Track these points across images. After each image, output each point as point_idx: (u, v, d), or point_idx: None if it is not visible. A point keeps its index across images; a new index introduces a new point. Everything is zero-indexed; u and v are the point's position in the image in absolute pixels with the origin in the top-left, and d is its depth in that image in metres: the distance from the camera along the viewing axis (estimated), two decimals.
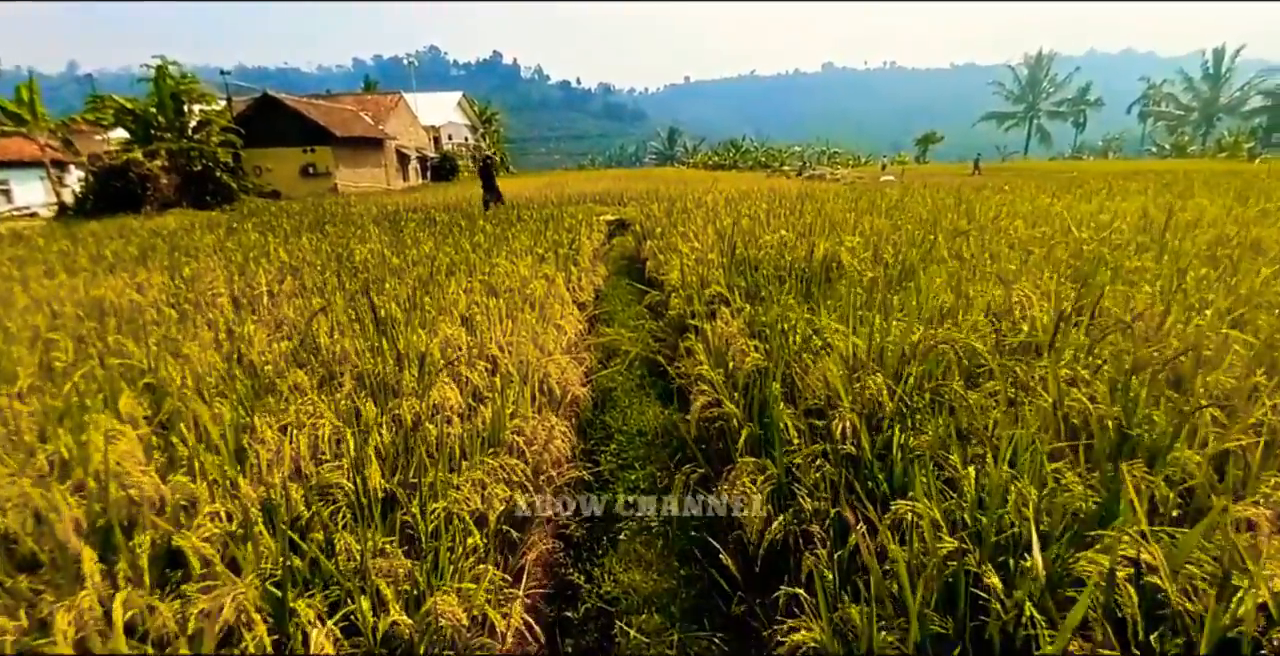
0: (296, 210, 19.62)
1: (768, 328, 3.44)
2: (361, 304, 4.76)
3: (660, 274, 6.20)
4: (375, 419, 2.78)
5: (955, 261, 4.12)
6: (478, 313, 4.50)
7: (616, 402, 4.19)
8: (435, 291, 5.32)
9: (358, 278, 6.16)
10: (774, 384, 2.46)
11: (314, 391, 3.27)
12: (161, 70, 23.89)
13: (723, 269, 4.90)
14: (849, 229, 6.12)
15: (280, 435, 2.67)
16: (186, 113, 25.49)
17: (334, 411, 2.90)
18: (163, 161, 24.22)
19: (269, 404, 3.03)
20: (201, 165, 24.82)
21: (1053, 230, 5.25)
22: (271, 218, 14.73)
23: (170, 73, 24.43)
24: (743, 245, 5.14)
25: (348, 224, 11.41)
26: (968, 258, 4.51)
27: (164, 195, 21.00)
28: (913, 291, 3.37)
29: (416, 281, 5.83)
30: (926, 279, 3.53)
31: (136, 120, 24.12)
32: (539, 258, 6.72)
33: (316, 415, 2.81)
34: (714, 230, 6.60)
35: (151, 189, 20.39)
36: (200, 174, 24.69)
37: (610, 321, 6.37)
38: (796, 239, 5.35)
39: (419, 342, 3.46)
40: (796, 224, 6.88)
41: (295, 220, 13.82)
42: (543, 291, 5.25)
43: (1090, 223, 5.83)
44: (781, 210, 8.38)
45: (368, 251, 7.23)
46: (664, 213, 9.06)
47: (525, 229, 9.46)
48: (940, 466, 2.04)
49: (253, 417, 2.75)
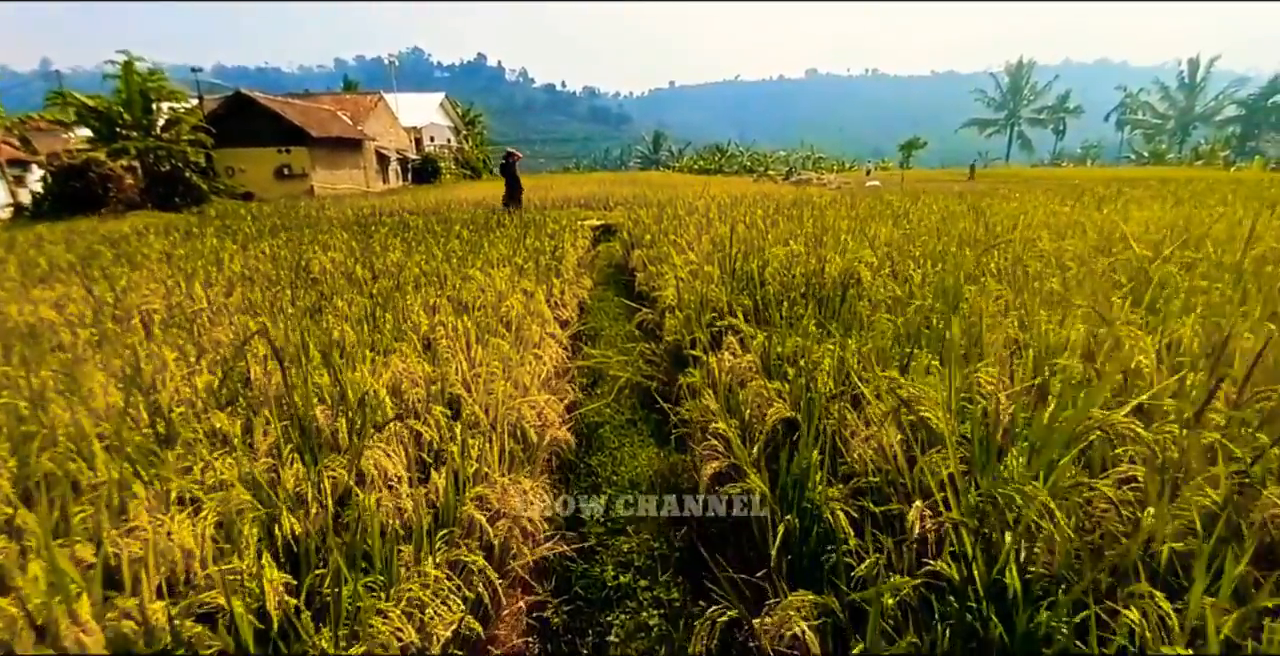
0: (267, 212, 18.78)
1: (786, 363, 2.87)
2: (308, 326, 4.13)
3: (652, 288, 5.62)
4: (295, 488, 2.17)
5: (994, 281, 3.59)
6: (444, 335, 3.90)
7: (604, 443, 3.60)
8: (399, 306, 4.71)
9: (314, 290, 5.52)
10: (810, 451, 1.90)
11: (236, 440, 2.65)
12: (127, 66, 22.90)
13: (723, 285, 4.34)
14: (857, 238, 5.60)
15: (173, 507, 2.06)
16: (154, 111, 24.48)
17: (249, 478, 2.28)
18: (128, 161, 23.21)
19: (167, 464, 2.41)
20: (170, 165, 23.84)
21: (1086, 244, 4.76)
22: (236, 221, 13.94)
23: (137, 69, 23.44)
24: (744, 258, 4.58)
25: (315, 228, 10.71)
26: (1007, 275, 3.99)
27: (127, 196, 20.02)
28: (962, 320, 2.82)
29: (379, 295, 5.21)
30: (974, 304, 2.99)
31: (100, 118, 23.08)
32: (517, 268, 6.12)
33: (226, 482, 2.20)
34: (709, 239, 6.05)
35: (113, 189, 19.42)
36: (168, 174, 23.71)
37: (596, 339, 5.79)
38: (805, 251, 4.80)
39: (365, 381, 2.85)
40: (797, 232, 6.35)
41: (261, 223, 13.05)
42: (520, 308, 4.66)
43: (1119, 233, 5.36)
44: (778, 217, 7.85)
45: (329, 260, 6.57)
46: (653, 219, 8.49)
47: (504, 236, 8.84)
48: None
49: (148, 482, 2.13)
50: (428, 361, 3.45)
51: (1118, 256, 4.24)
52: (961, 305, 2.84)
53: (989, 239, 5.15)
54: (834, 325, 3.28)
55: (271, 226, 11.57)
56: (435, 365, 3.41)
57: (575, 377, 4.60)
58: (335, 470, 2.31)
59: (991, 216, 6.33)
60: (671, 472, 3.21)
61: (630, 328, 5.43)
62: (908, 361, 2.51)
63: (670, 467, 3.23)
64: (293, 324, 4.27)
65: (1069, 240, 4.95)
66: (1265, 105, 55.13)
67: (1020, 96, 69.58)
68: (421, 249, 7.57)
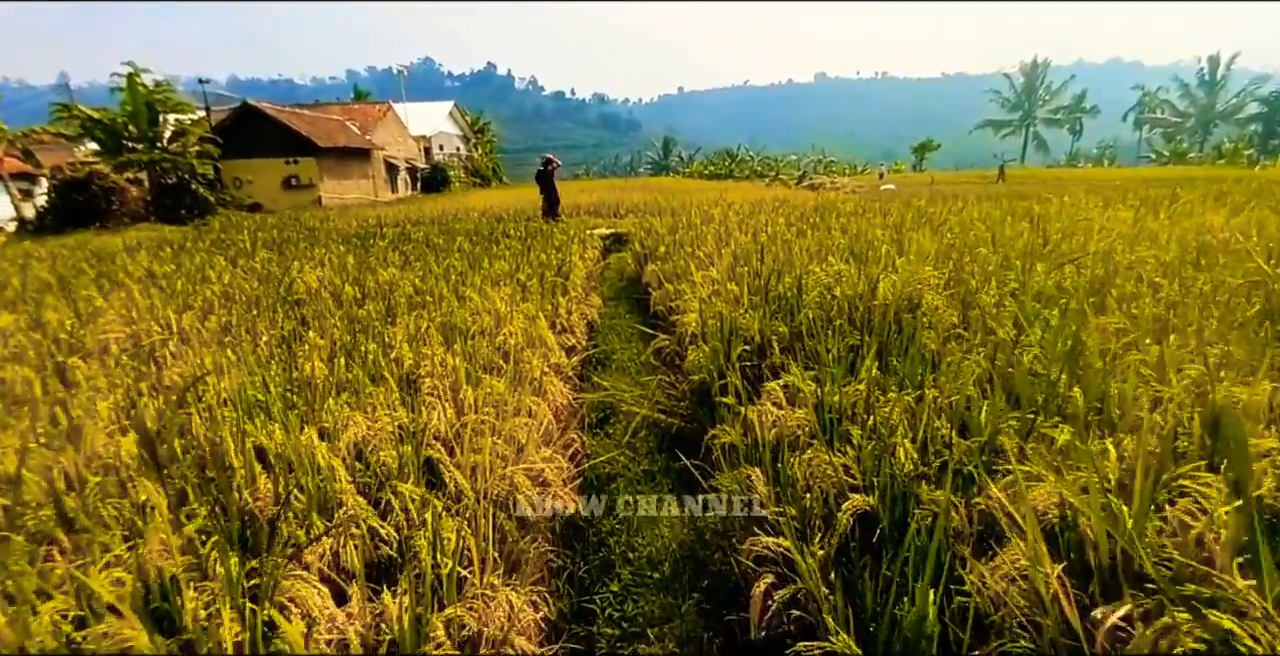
0: (270, 224, 18.43)
1: (846, 418, 2.28)
2: (278, 362, 3.59)
3: (669, 308, 5.05)
4: (197, 607, 1.61)
5: (1087, 306, 2.98)
6: (430, 371, 3.35)
7: (617, 502, 3.02)
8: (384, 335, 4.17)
9: (296, 314, 5.00)
10: (926, 592, 1.31)
11: (160, 518, 2.10)
12: (132, 78, 22.74)
13: (753, 309, 3.75)
14: (899, 250, 5.00)
15: None
16: (161, 123, 24.34)
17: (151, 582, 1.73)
18: (133, 173, 23.04)
19: (53, 565, 1.86)
20: (176, 177, 23.65)
21: (1170, 255, 4.13)
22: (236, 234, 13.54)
23: (143, 81, 23.30)
24: (776, 276, 4.00)
25: (313, 241, 10.25)
26: (1093, 296, 3.37)
27: (131, 209, 19.77)
28: (1081, 365, 2.21)
29: (364, 321, 4.68)
30: (1091, 343, 2.38)
31: (106, 131, 22.94)
32: (520, 286, 5.57)
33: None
34: (730, 252, 5.47)
35: (117, 202, 19.17)
36: (174, 186, 23.51)
37: (607, 365, 5.22)
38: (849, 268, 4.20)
39: (315, 453, 2.29)
40: (828, 243, 5.75)
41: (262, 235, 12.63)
42: (520, 336, 4.10)
43: (1202, 242, 4.73)
44: (803, 226, 7.26)
45: (316, 279, 6.06)
46: (667, 229, 7.92)
47: (508, 248, 8.32)
48: None
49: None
50: (408, 407, 2.90)
51: (1216, 272, 3.61)
52: (1073, 348, 2.23)
53: (1053, 251, 4.54)
54: (898, 363, 2.69)
55: (269, 240, 11.13)
56: (415, 412, 2.86)
57: (584, 414, 4.04)
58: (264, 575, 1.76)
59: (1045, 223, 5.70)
60: (702, 544, 2.62)
61: (646, 353, 4.86)
62: (1029, 430, 1.91)
63: (699, 538, 2.65)
64: (262, 358, 3.74)
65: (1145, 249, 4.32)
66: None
67: (1035, 97, 68.55)
68: (419, 264, 7.05)
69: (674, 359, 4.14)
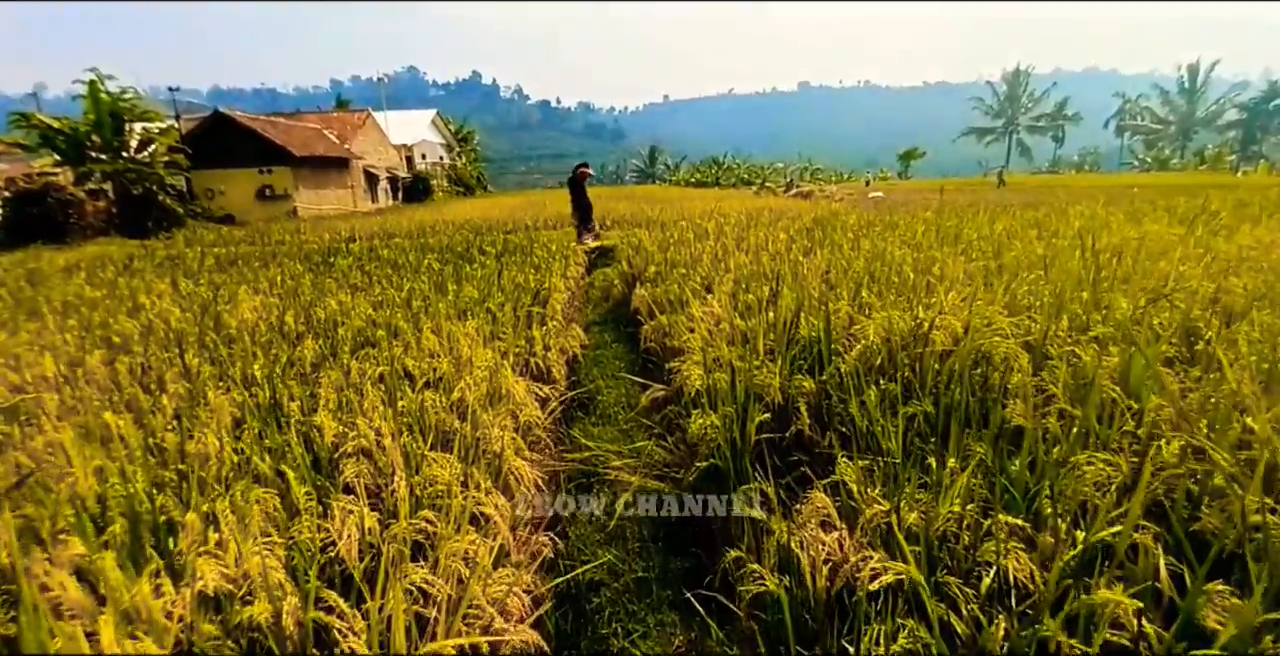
0: (238, 237, 17.55)
1: (928, 541, 1.56)
2: (159, 436, 2.81)
3: (663, 345, 4.32)
4: None
5: None
6: (356, 441, 2.59)
7: (599, 626, 2.27)
8: (320, 380, 3.41)
9: (223, 353, 4.22)
10: None
11: None
12: (94, 86, 21.75)
13: (768, 355, 3.04)
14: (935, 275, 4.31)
15: None
16: (127, 132, 23.33)
17: None
18: (96, 184, 22.00)
19: None
20: (142, 188, 22.61)
21: (1258, 281, 3.48)
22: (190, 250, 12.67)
23: (107, 89, 22.30)
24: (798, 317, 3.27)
25: (270, 260, 9.42)
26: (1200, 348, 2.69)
27: (90, 222, 18.75)
28: None
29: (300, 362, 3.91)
30: None
31: (67, 140, 21.90)
32: (490, 317, 4.82)
33: None
34: (731, 278, 4.77)
35: (75, 215, 18.14)
36: (141, 198, 22.47)
37: (591, 406, 4.48)
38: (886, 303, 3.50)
39: None
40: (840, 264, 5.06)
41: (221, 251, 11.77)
42: (485, 385, 3.36)
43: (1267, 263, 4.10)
44: (807, 242, 6.57)
45: (252, 309, 5.26)
46: (657, 245, 7.19)
47: (483, 266, 7.56)
48: None
49: None
50: (313, 512, 2.14)
51: None
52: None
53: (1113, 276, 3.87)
54: (978, 445, 1.98)
55: (225, 256, 10.28)
56: (325, 518, 2.11)
57: (561, 484, 3.29)
58: None
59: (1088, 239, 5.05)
60: None
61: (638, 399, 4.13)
62: None
63: None
64: (150, 427, 2.96)
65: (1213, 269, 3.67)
66: (1267, 109, 54.40)
67: (1018, 104, 69.06)
68: (378, 288, 6.28)
69: (672, 414, 3.41)
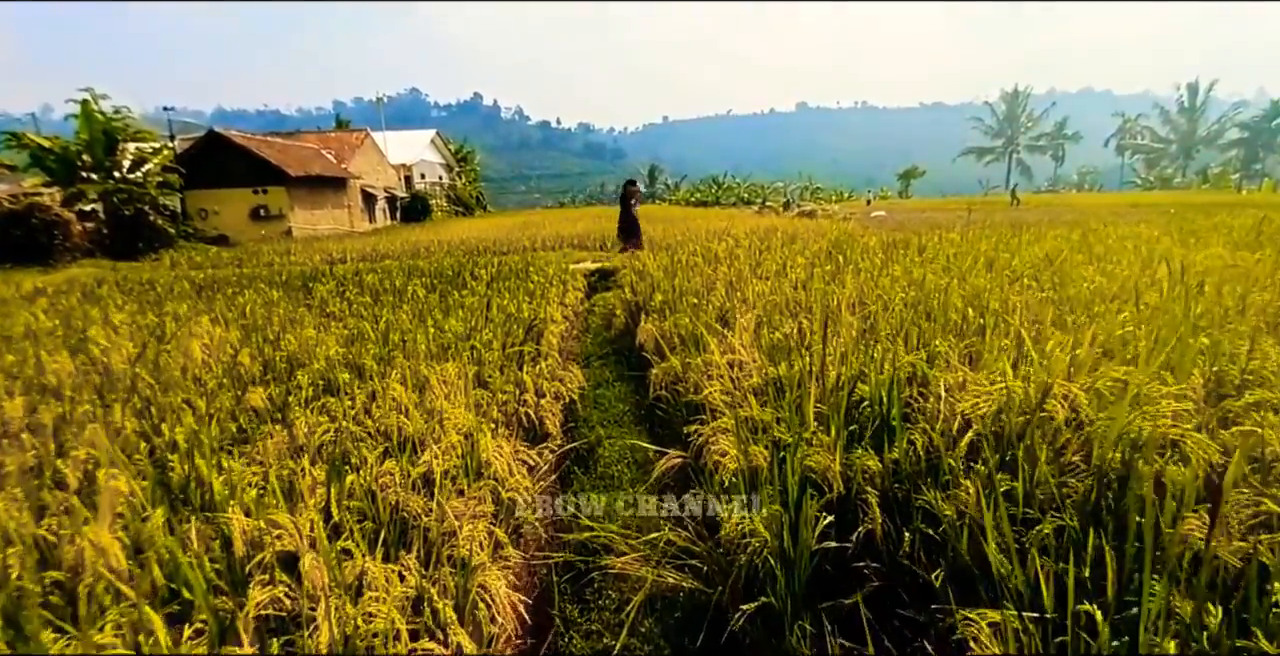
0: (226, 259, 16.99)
1: None
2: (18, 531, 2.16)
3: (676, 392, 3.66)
4: None
5: None
6: (277, 551, 1.94)
7: None
8: (240, 462, 2.76)
9: (156, 402, 3.57)
10: None
11: None
12: (87, 105, 21.38)
13: (818, 422, 2.39)
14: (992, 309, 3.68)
15: None
16: (120, 151, 22.92)
17: None
18: (87, 204, 21.52)
19: None
20: (134, 209, 22.11)
21: None
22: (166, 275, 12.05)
23: (100, 108, 21.95)
24: (854, 379, 2.62)
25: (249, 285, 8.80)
26: None
27: (76, 243, 18.20)
28: None
29: (243, 420, 3.27)
30: None
31: (58, 160, 21.48)
32: (473, 356, 4.18)
33: None
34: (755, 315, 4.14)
35: (60, 237, 17.59)
36: (131, 219, 21.97)
37: (590, 464, 3.81)
38: (949, 350, 2.85)
39: None
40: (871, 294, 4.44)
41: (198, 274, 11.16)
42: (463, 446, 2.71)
43: None
44: (830, 266, 5.96)
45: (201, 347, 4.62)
46: (663, 270, 6.57)
47: (474, 292, 6.94)
48: None
49: None
50: None
51: None
52: None
53: (1210, 314, 3.25)
54: (1156, 582, 1.33)
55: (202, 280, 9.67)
56: None
57: (555, 562, 2.62)
58: None
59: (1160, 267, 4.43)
60: None
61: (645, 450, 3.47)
62: None
63: None
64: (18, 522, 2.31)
65: None
66: (1269, 127, 54.42)
67: (1018, 124, 69.22)
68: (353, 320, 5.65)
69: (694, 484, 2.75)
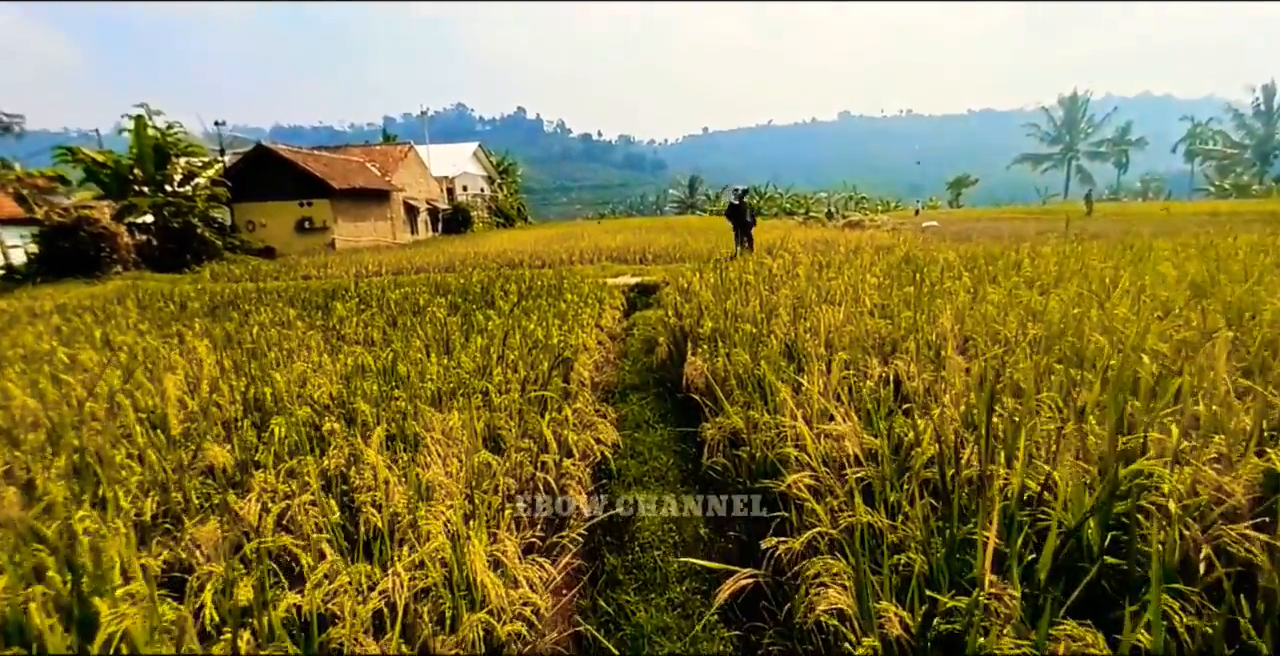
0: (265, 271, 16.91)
1: None
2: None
3: (737, 457, 2.86)
4: None
5: None
6: None
7: None
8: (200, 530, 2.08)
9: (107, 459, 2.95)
10: None
11: None
12: (140, 121, 21.90)
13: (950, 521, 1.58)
14: (1166, 354, 2.78)
15: None
16: (170, 166, 23.43)
17: None
18: (137, 217, 21.98)
19: None
20: (182, 221, 22.51)
21: None
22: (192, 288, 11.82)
23: (153, 124, 22.48)
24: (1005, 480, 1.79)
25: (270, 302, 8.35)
26: None
27: (123, 255, 18.46)
28: None
29: (186, 492, 2.61)
30: None
31: (111, 174, 22.05)
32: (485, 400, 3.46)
33: None
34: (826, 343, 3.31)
35: (107, 249, 17.84)
36: (180, 231, 22.35)
37: (626, 544, 3.02)
38: None
39: None
40: (979, 329, 3.56)
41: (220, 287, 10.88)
42: (444, 554, 1.97)
43: None
44: (910, 287, 5.07)
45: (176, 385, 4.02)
46: (712, 292, 5.76)
47: (499, 312, 6.28)
48: None
49: None
50: None
51: None
52: None
53: None
54: None
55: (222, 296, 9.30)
56: None
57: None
58: None
59: None
60: None
61: (695, 531, 2.67)
62: None
63: None
64: None
65: None
66: None
67: (1077, 130, 66.07)
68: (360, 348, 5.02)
69: (768, 595, 1.93)
